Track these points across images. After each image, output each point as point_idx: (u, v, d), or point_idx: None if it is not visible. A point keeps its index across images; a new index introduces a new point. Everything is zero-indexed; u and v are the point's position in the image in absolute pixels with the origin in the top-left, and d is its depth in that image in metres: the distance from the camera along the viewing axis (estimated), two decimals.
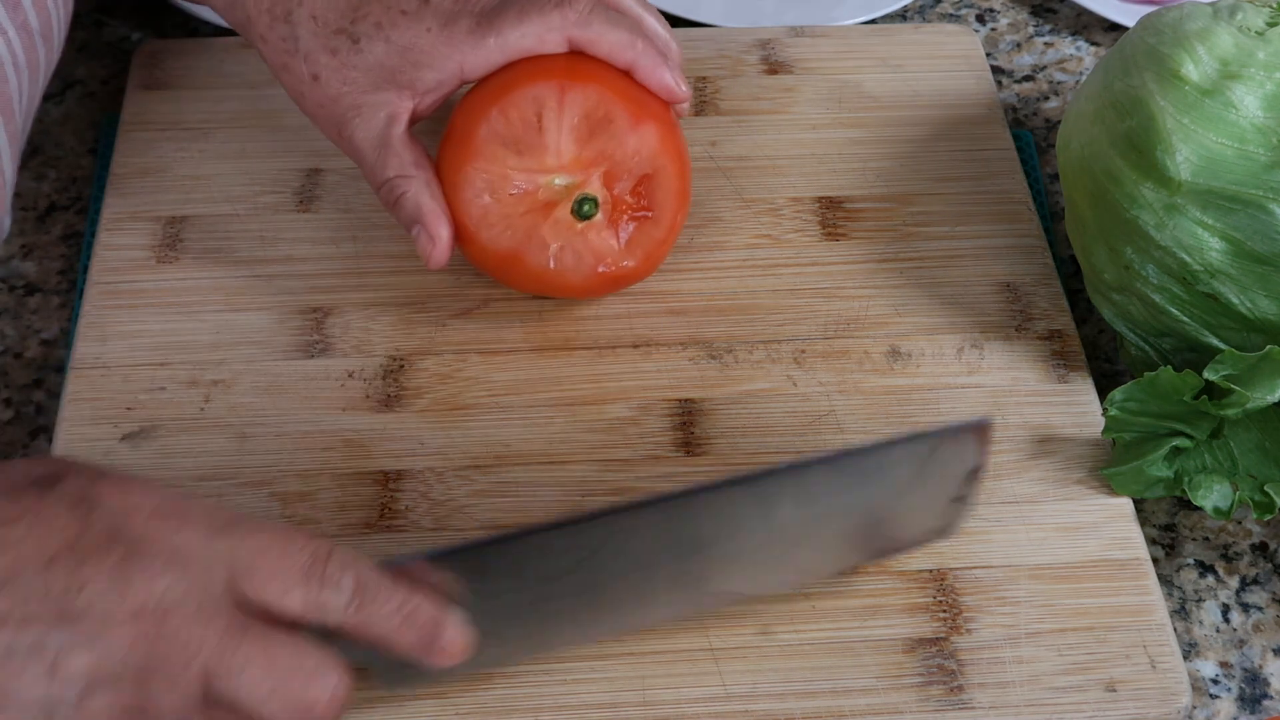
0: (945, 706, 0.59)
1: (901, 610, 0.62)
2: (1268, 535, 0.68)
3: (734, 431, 0.67)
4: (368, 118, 0.65)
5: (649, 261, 0.69)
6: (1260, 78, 0.63)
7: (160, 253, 0.73)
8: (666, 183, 0.67)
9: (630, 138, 0.65)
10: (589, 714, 0.59)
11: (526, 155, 0.65)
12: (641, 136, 0.65)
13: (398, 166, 0.65)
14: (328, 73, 0.65)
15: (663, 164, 0.66)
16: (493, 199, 0.65)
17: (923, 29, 0.86)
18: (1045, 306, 0.73)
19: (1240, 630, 0.64)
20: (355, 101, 0.65)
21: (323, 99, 0.65)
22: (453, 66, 0.65)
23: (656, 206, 0.67)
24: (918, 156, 0.79)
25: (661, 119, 0.67)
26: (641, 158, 0.66)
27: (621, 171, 0.66)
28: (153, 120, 0.79)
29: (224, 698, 0.49)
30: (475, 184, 0.65)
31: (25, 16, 0.66)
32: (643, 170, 0.66)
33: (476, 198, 0.65)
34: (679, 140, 0.68)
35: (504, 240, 0.66)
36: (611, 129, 0.65)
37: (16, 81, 0.66)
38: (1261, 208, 0.62)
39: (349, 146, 0.66)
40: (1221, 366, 0.62)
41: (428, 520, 0.64)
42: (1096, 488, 0.66)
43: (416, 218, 0.65)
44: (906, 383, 0.70)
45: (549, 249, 0.66)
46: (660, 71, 0.66)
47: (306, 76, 0.65)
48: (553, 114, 0.65)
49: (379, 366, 0.69)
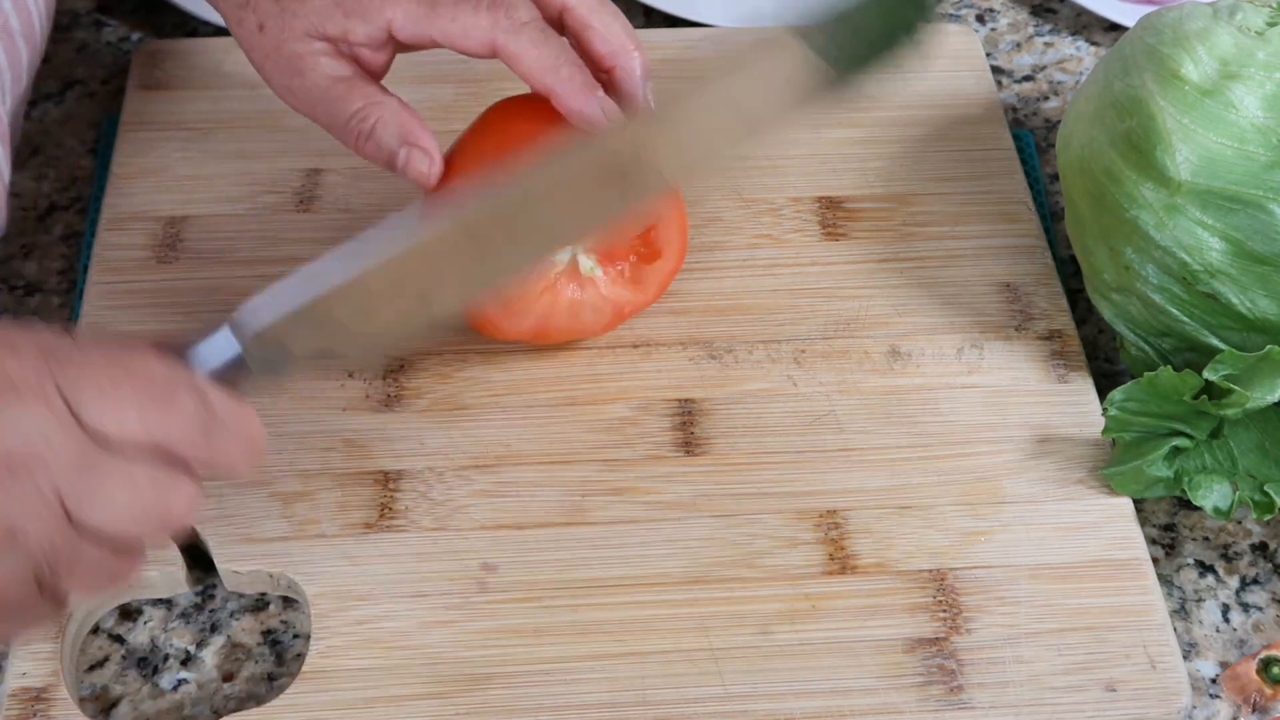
0: (945, 706, 0.59)
1: (901, 610, 0.62)
2: (1268, 535, 0.68)
3: (734, 431, 0.67)
4: (312, 65, 0.64)
5: (662, 290, 0.69)
6: (1260, 78, 0.63)
7: (160, 253, 0.73)
8: (667, 221, 0.67)
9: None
10: (589, 714, 0.59)
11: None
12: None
13: (364, 95, 0.63)
14: (270, 20, 0.64)
15: (662, 208, 0.67)
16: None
17: None
18: (1045, 306, 0.73)
19: (1240, 630, 0.64)
20: (295, 50, 0.64)
21: (269, 48, 0.65)
22: (382, 21, 0.63)
23: (663, 244, 0.67)
24: (918, 156, 0.79)
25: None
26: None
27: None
28: (153, 120, 0.79)
29: (85, 524, 0.49)
30: None
31: (6, 18, 0.66)
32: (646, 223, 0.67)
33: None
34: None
35: (528, 321, 0.66)
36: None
37: None
38: (1261, 208, 0.62)
39: (303, 98, 0.65)
40: (1221, 366, 0.62)
41: (428, 520, 0.64)
42: (1096, 488, 0.66)
43: (403, 137, 0.63)
44: (906, 383, 0.70)
45: (571, 315, 0.67)
46: (579, 100, 0.62)
47: (254, 27, 0.65)
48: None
49: (379, 366, 0.69)
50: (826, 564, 0.63)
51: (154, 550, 0.57)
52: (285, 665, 0.62)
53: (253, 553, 0.63)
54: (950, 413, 0.69)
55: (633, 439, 0.67)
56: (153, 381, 0.50)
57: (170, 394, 0.50)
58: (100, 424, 0.49)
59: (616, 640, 0.61)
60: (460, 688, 0.59)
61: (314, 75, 0.64)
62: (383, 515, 0.64)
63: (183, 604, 0.64)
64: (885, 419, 0.68)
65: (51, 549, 0.49)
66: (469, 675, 0.60)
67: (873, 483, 0.66)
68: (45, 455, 0.48)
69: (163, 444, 0.50)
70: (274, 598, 0.64)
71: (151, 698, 0.61)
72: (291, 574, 0.62)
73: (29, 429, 0.48)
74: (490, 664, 0.60)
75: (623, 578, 0.63)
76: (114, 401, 0.49)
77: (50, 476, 0.48)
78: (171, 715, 0.60)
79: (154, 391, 0.50)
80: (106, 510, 0.49)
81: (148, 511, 0.50)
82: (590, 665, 0.60)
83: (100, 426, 0.49)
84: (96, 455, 0.49)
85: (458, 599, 0.62)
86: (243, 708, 0.60)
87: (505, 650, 0.60)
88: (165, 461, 0.50)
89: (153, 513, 0.50)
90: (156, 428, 0.50)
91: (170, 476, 0.50)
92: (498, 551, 0.63)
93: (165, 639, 0.63)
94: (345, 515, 0.64)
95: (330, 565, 0.62)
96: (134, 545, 0.51)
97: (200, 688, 0.61)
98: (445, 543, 0.63)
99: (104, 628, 0.63)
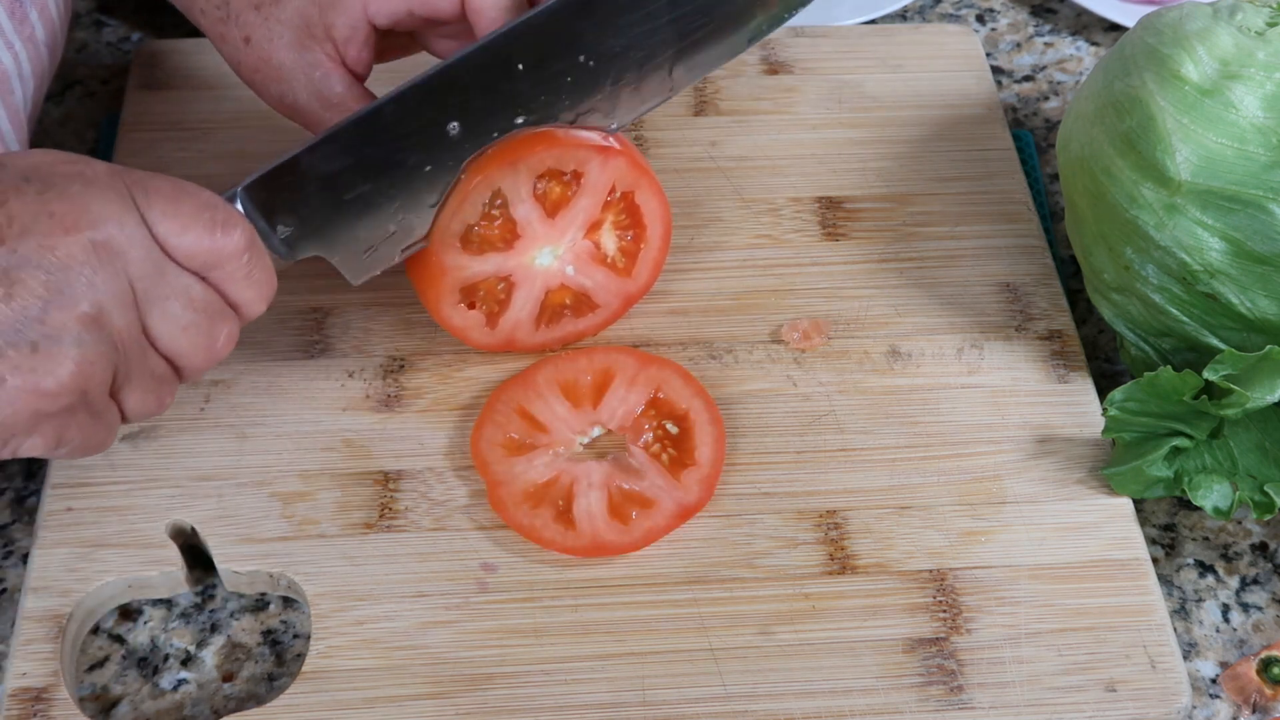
0: (945, 706, 0.59)
1: (901, 610, 0.62)
2: (1268, 535, 0.68)
3: (734, 431, 0.67)
4: (303, 79, 0.65)
5: (655, 271, 0.69)
6: (1260, 78, 0.63)
7: None
8: (645, 201, 0.67)
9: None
10: (589, 714, 0.59)
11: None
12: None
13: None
14: (255, 31, 0.65)
15: (638, 183, 0.67)
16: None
17: (923, 29, 0.86)
18: (1045, 306, 0.73)
19: (1240, 630, 0.64)
20: (284, 61, 0.65)
21: (257, 62, 0.65)
22: (358, 6, 0.64)
23: (646, 218, 0.68)
24: (918, 156, 0.79)
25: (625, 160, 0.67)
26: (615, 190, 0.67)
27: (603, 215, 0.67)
28: (153, 120, 0.79)
29: (148, 330, 0.54)
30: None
31: (32, 29, 0.66)
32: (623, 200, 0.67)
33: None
34: (646, 175, 0.68)
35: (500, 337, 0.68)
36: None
37: (22, 92, 0.66)
38: (1261, 208, 0.62)
39: (294, 111, 0.66)
40: (1221, 366, 0.62)
41: (428, 520, 0.64)
42: (1096, 488, 0.66)
43: None
44: (906, 383, 0.70)
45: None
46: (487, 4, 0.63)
47: (240, 41, 0.65)
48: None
49: (379, 366, 0.69)
50: (826, 564, 0.63)
51: (187, 385, 0.63)
52: (285, 665, 0.62)
53: (253, 553, 0.63)
54: (950, 413, 0.69)
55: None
56: (214, 208, 0.55)
57: (227, 222, 0.55)
58: (167, 234, 0.54)
59: (616, 640, 0.61)
60: (460, 688, 0.59)
61: (305, 94, 0.65)
62: (383, 515, 0.64)
63: (183, 604, 0.64)
64: (885, 419, 0.68)
65: (126, 342, 0.53)
66: (469, 675, 0.60)
67: (873, 483, 0.66)
68: (126, 249, 0.53)
69: (215, 268, 0.55)
70: (274, 598, 0.64)
71: (151, 698, 0.61)
72: (291, 574, 0.62)
73: (111, 219, 0.52)
74: (490, 664, 0.60)
75: (623, 578, 0.63)
76: (180, 218, 0.54)
77: (128, 270, 0.53)
78: (171, 715, 0.60)
79: (215, 216, 0.55)
80: (166, 321, 0.54)
81: (199, 334, 0.55)
82: (590, 665, 0.60)
83: (167, 236, 0.54)
84: (164, 263, 0.54)
85: (458, 599, 0.62)
86: (243, 708, 0.60)
87: (505, 650, 0.60)
88: (214, 287, 0.56)
89: (201, 337, 0.56)
90: (212, 250, 0.55)
91: (220, 305, 0.56)
92: (497, 551, 0.63)
93: (165, 639, 0.63)
94: (345, 515, 0.64)
95: (330, 565, 0.63)
96: (181, 368, 0.56)
97: (200, 688, 0.61)
98: (445, 543, 0.63)
99: (104, 628, 0.63)
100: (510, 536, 0.63)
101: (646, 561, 0.63)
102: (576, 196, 0.65)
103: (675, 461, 0.65)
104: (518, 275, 0.66)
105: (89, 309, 0.52)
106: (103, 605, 0.63)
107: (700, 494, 0.64)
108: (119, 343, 0.53)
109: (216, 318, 0.56)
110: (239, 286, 0.56)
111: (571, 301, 0.68)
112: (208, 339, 0.56)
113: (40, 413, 0.52)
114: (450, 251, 0.64)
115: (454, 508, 0.65)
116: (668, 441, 0.66)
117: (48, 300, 0.51)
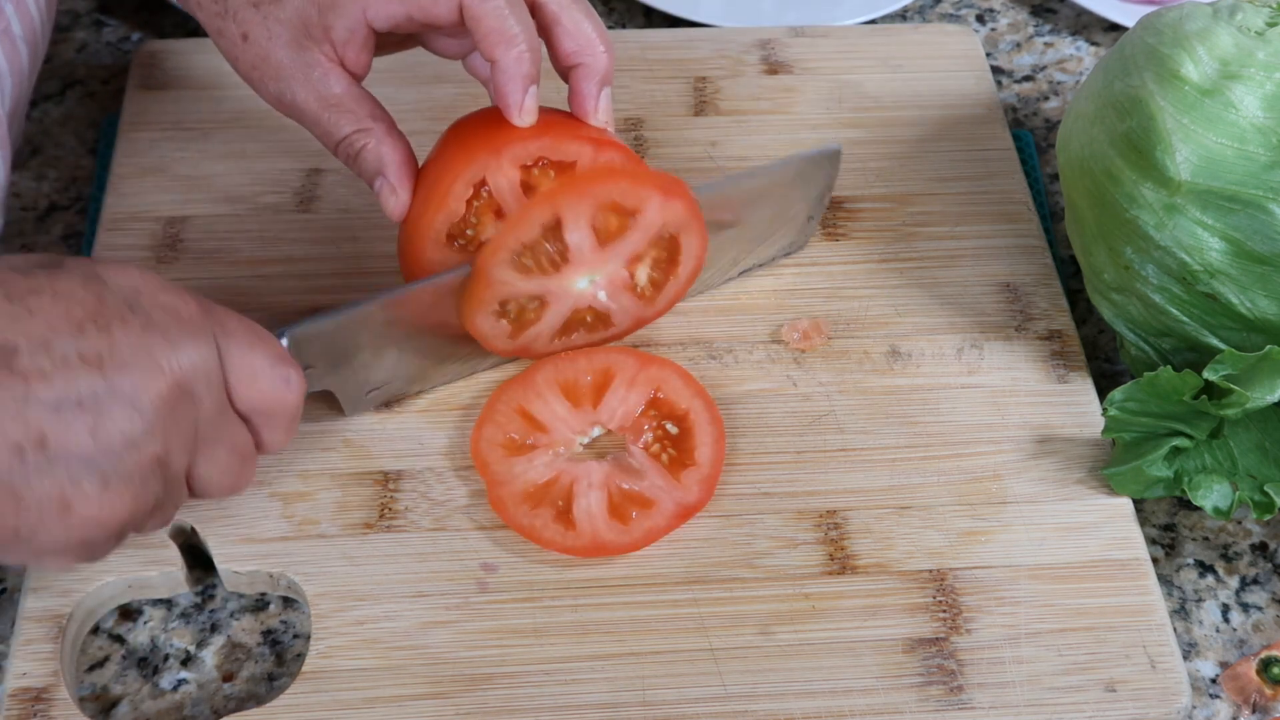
0: (945, 706, 0.59)
1: (901, 610, 0.62)
2: (1268, 535, 0.68)
3: (734, 431, 0.67)
4: (301, 78, 0.64)
5: (675, 301, 0.70)
6: (1260, 78, 0.63)
7: (160, 253, 0.73)
8: (688, 244, 0.67)
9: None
10: (589, 714, 0.59)
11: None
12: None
13: (353, 121, 0.64)
14: (253, 29, 0.65)
15: (687, 226, 0.67)
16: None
17: (923, 29, 0.86)
18: (1045, 306, 0.73)
19: (1240, 630, 0.64)
20: (282, 60, 0.64)
21: (254, 59, 0.65)
22: (357, 10, 0.64)
23: (680, 261, 0.68)
24: (918, 156, 0.79)
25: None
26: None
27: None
28: (153, 120, 0.79)
29: (193, 467, 0.54)
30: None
31: (7, 22, 0.66)
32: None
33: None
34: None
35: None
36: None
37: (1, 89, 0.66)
38: (1261, 208, 0.62)
39: (292, 109, 0.65)
40: (1221, 366, 0.62)
41: (427, 520, 0.64)
42: (1096, 488, 0.66)
43: (379, 170, 0.64)
44: (906, 383, 0.70)
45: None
46: (514, 83, 0.62)
47: (237, 37, 0.65)
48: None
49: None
50: (826, 564, 0.63)
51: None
52: (285, 665, 0.62)
53: (253, 553, 0.63)
54: (950, 413, 0.69)
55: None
56: (284, 362, 0.56)
57: (290, 378, 0.56)
58: (237, 383, 0.54)
59: (616, 640, 0.61)
60: (460, 688, 0.59)
61: (304, 94, 0.65)
62: (383, 515, 0.64)
63: (183, 604, 0.64)
64: (885, 419, 0.68)
65: (173, 481, 0.53)
66: (469, 675, 0.60)
67: (873, 483, 0.66)
68: (204, 396, 0.53)
69: (268, 417, 0.56)
70: (274, 598, 0.64)
71: (151, 698, 0.61)
72: (291, 574, 0.62)
73: (199, 367, 0.53)
74: (490, 664, 0.60)
75: (623, 578, 0.63)
76: (252, 369, 0.55)
77: (197, 414, 0.53)
78: (171, 715, 0.60)
79: (283, 372, 0.56)
80: (210, 464, 0.55)
81: (230, 476, 0.56)
82: (590, 665, 0.60)
83: (237, 385, 0.55)
84: (226, 409, 0.55)
85: (458, 599, 0.62)
86: (243, 708, 0.60)
87: (505, 650, 0.60)
88: (254, 431, 0.56)
89: (230, 479, 0.56)
90: (275, 402, 0.56)
91: (253, 450, 0.56)
92: (497, 551, 0.63)
93: (165, 639, 0.63)
94: (345, 515, 0.64)
95: (330, 565, 0.63)
96: (196, 497, 0.56)
97: (200, 688, 0.61)
98: (445, 543, 0.63)
99: (104, 628, 0.63)
100: (510, 536, 0.63)
101: (646, 561, 0.63)
102: (630, 231, 0.65)
103: (675, 461, 0.65)
104: (553, 295, 0.66)
105: (159, 451, 0.52)
106: (103, 605, 0.63)
107: (700, 494, 0.64)
108: (167, 480, 0.53)
109: (248, 460, 0.56)
110: (278, 434, 0.57)
111: (591, 319, 0.68)
112: (235, 481, 0.56)
113: (86, 540, 0.52)
114: (500, 267, 0.64)
115: (454, 508, 0.65)
116: (668, 441, 0.66)
117: (130, 439, 0.51)
